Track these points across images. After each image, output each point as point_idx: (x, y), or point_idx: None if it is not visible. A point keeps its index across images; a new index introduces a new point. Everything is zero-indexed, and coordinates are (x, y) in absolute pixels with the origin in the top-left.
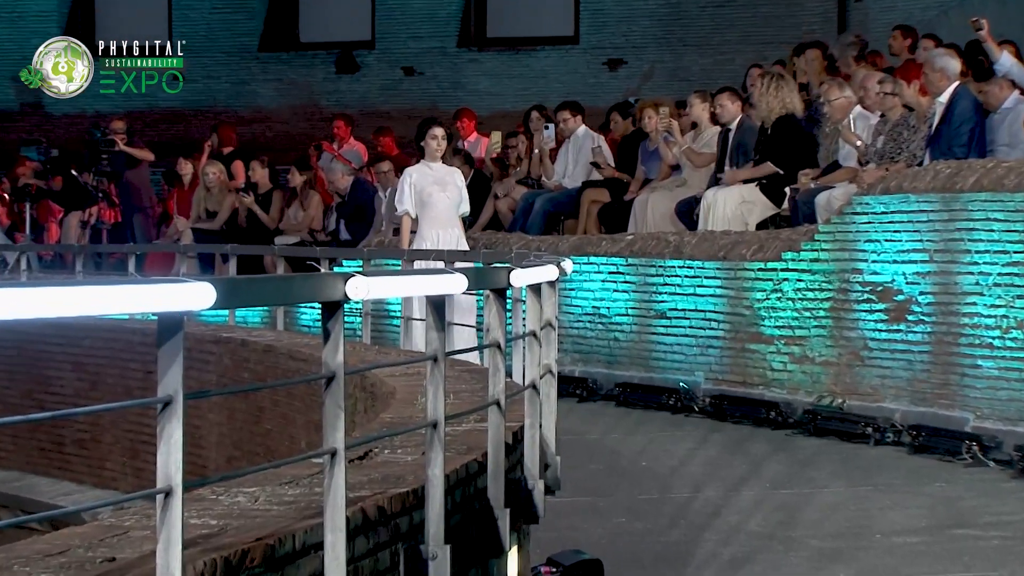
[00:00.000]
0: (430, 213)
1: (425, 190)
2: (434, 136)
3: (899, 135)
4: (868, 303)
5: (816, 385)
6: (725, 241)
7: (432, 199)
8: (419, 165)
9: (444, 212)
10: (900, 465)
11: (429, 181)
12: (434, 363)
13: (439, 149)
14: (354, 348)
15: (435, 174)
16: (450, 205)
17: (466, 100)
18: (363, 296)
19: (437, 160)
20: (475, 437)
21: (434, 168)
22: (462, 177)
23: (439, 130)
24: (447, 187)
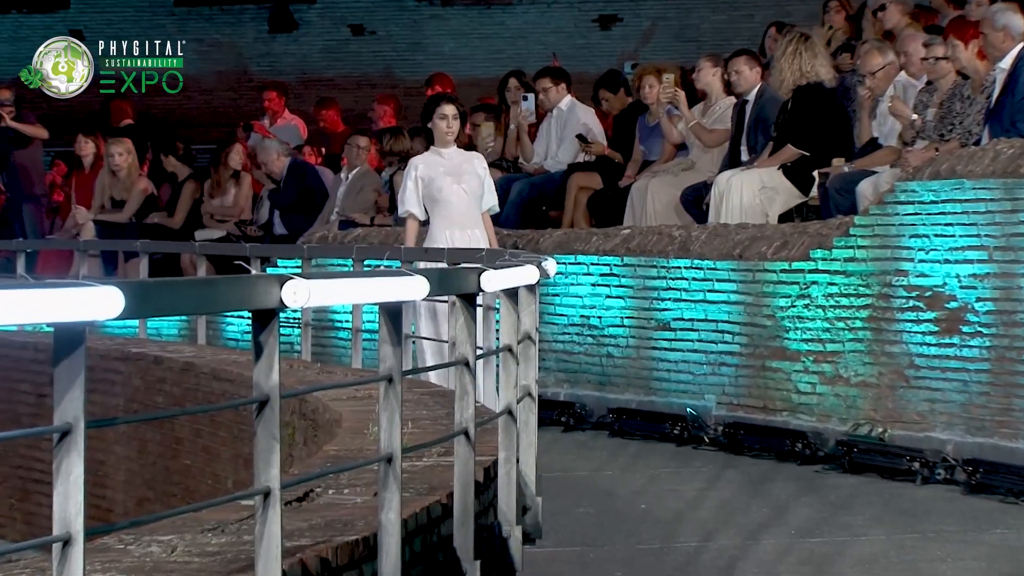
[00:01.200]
0: (443, 211)
1: (435, 183)
2: (443, 115)
3: (951, 108)
4: (914, 311)
5: (852, 411)
6: (741, 236)
7: (444, 193)
8: (427, 153)
9: (461, 208)
10: (953, 508)
11: (440, 172)
12: (388, 384)
13: (450, 131)
14: (292, 366)
15: (448, 162)
16: (468, 200)
17: (427, 65)
18: (303, 303)
19: (450, 145)
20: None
21: (446, 155)
22: (484, 163)
23: (450, 107)
24: (464, 177)
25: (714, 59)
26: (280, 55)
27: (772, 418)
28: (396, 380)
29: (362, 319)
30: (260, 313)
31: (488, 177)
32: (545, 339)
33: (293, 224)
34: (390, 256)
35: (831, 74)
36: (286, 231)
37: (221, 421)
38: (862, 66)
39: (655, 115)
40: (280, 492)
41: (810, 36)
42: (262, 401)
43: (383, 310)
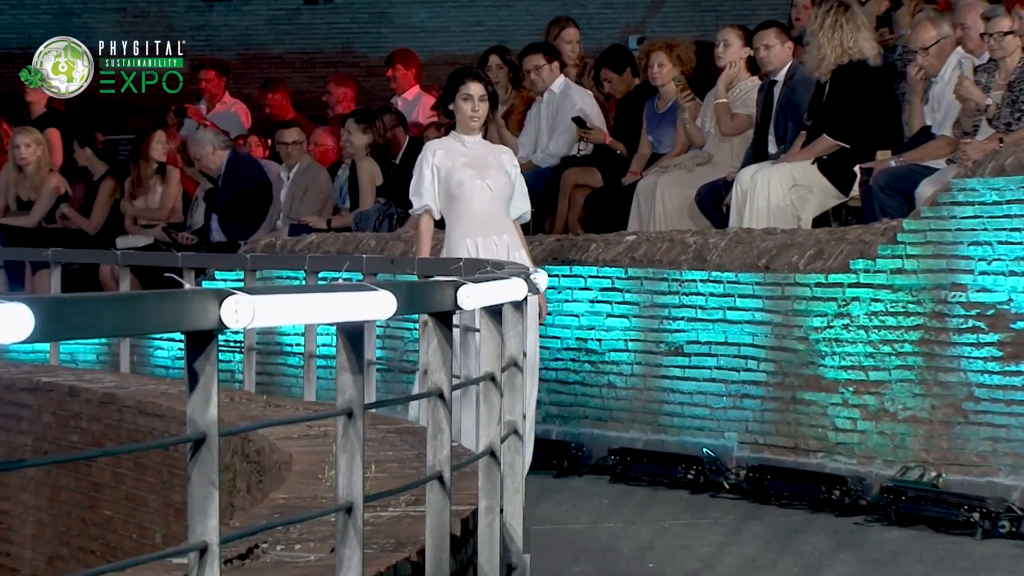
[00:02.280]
0: (463, 211)
1: (454, 176)
2: (467, 95)
3: (1020, 91)
4: (974, 333)
5: (899, 452)
6: (768, 244)
7: (465, 190)
8: (446, 138)
9: (485, 210)
10: (1019, 567)
11: (460, 163)
12: (348, 420)
13: (476, 115)
14: (233, 399)
15: (471, 152)
16: (493, 199)
17: (394, 39)
18: (246, 324)
19: (475, 132)
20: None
21: (469, 144)
22: (514, 159)
23: (476, 86)
24: (489, 172)
25: (739, 31)
26: (219, 28)
27: (805, 460)
28: (357, 415)
29: (316, 342)
30: (195, 335)
31: (520, 178)
32: None
33: (233, 230)
34: (349, 267)
35: (876, 50)
36: (225, 238)
37: (148, 464)
38: (913, 40)
39: (665, 99)
40: (219, 548)
41: (850, 5)
42: (197, 440)
43: (341, 331)
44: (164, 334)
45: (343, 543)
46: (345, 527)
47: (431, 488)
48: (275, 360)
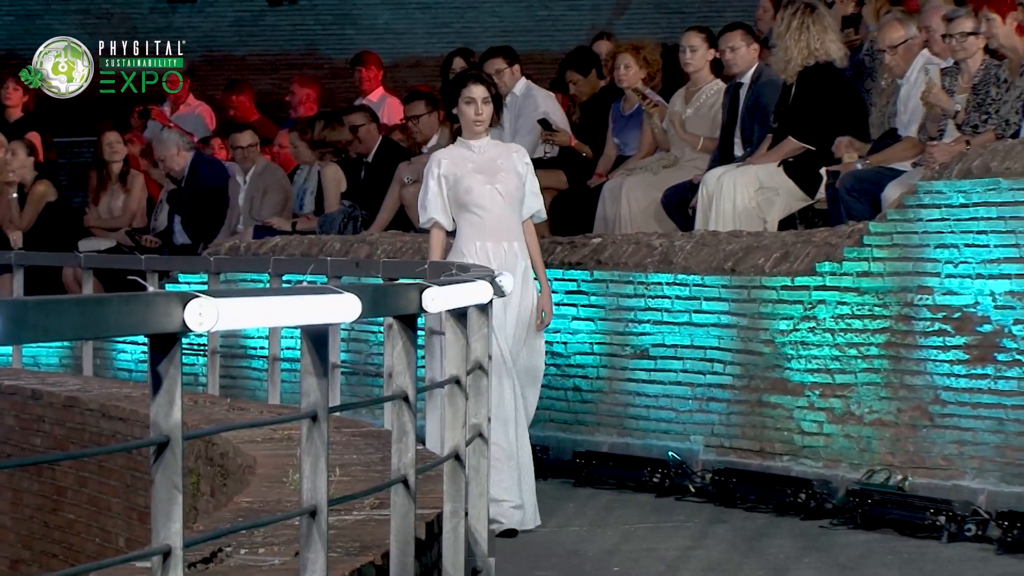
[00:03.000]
0: (472, 217)
1: (462, 183)
2: (470, 99)
3: (985, 94)
4: (940, 336)
5: (865, 455)
6: (734, 246)
7: (474, 195)
8: (452, 146)
9: (495, 214)
10: (985, 570)
11: (468, 168)
12: (312, 423)
13: (480, 118)
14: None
15: (479, 157)
16: (505, 203)
17: (359, 41)
18: (210, 327)
19: (481, 136)
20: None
21: (476, 148)
22: (526, 158)
23: (478, 89)
24: (499, 175)
25: (703, 33)
26: (182, 29)
27: (770, 463)
28: (321, 418)
29: (280, 345)
30: (158, 338)
31: (531, 176)
32: None
33: (197, 232)
34: (314, 270)
35: (842, 51)
36: (189, 240)
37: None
38: (880, 39)
39: (631, 102)
40: (182, 552)
41: (816, 7)
42: (161, 443)
43: (306, 334)
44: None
45: (307, 546)
46: (309, 530)
47: (396, 491)
48: (239, 363)
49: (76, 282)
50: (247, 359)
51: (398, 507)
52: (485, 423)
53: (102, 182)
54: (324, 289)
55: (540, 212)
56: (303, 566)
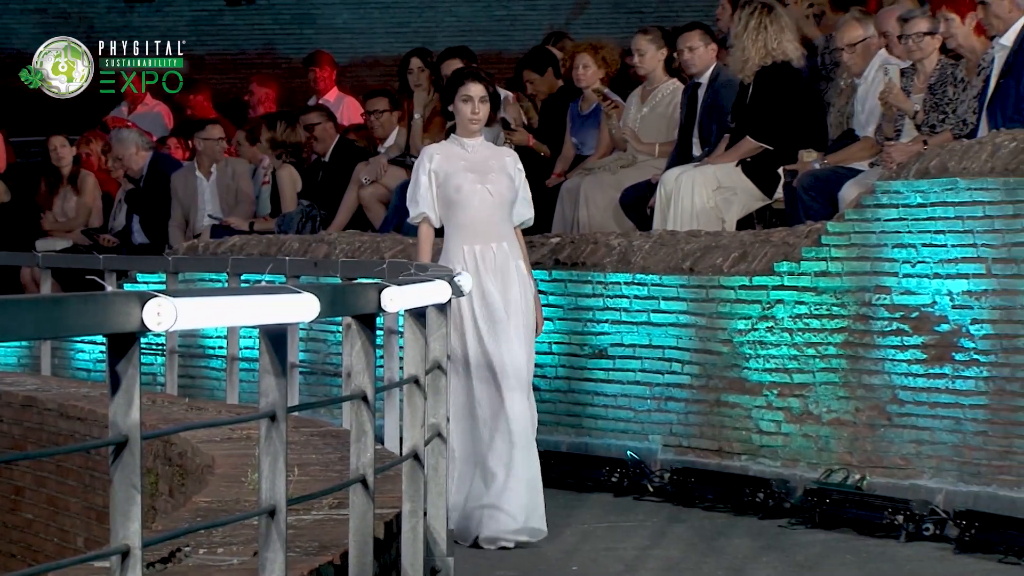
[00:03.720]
0: (461, 217)
1: (452, 180)
2: (467, 96)
3: (942, 94)
4: (898, 335)
5: (823, 454)
6: (693, 246)
7: (463, 194)
8: (445, 143)
9: (484, 215)
10: (943, 569)
11: (459, 166)
12: (271, 423)
13: (476, 117)
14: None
15: (471, 156)
16: (495, 204)
17: (317, 41)
18: (168, 326)
19: (475, 135)
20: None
21: (470, 147)
22: (518, 162)
23: (476, 87)
24: (490, 176)
25: (655, 34)
26: (140, 29)
27: (729, 463)
28: (280, 418)
29: (239, 345)
30: (117, 338)
31: (523, 181)
32: None
33: (155, 231)
34: (272, 270)
35: (799, 51)
36: (147, 240)
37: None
38: (838, 38)
39: (589, 101)
40: (141, 552)
41: (774, 7)
42: (119, 443)
43: (264, 334)
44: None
45: (266, 546)
46: (268, 530)
47: (354, 491)
48: (197, 363)
49: (34, 282)
50: (205, 359)
51: (357, 507)
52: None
53: (52, 187)
54: (282, 289)
55: (529, 219)
56: (262, 566)
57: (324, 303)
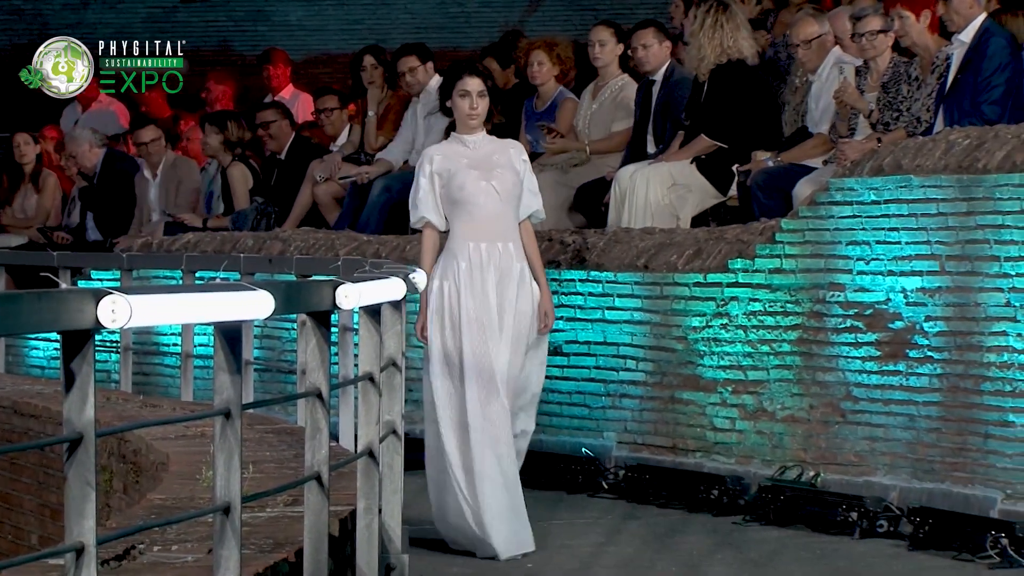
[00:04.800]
0: (466, 216)
1: (456, 179)
2: (464, 91)
3: (895, 92)
4: (852, 333)
5: (778, 451)
6: (647, 243)
7: (467, 192)
8: (446, 142)
9: (490, 213)
10: (897, 566)
11: (463, 164)
12: (225, 420)
13: (475, 112)
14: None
15: (473, 153)
16: (500, 201)
17: (271, 38)
18: (123, 323)
19: (476, 130)
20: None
21: (471, 143)
22: (523, 154)
23: (473, 81)
24: (495, 172)
25: (614, 28)
26: (95, 25)
27: (683, 460)
28: (235, 415)
29: (193, 342)
30: (71, 335)
31: (529, 173)
32: (413, 366)
33: (110, 228)
34: (227, 267)
35: (754, 49)
36: (101, 237)
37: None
38: (793, 35)
39: (544, 99)
40: (96, 549)
41: (730, 5)
42: (74, 440)
43: (219, 331)
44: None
45: (221, 544)
46: (223, 528)
47: (309, 488)
48: (152, 360)
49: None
50: (160, 356)
51: (312, 504)
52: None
53: (14, 184)
54: (237, 286)
55: (539, 212)
56: (216, 563)
57: (279, 300)
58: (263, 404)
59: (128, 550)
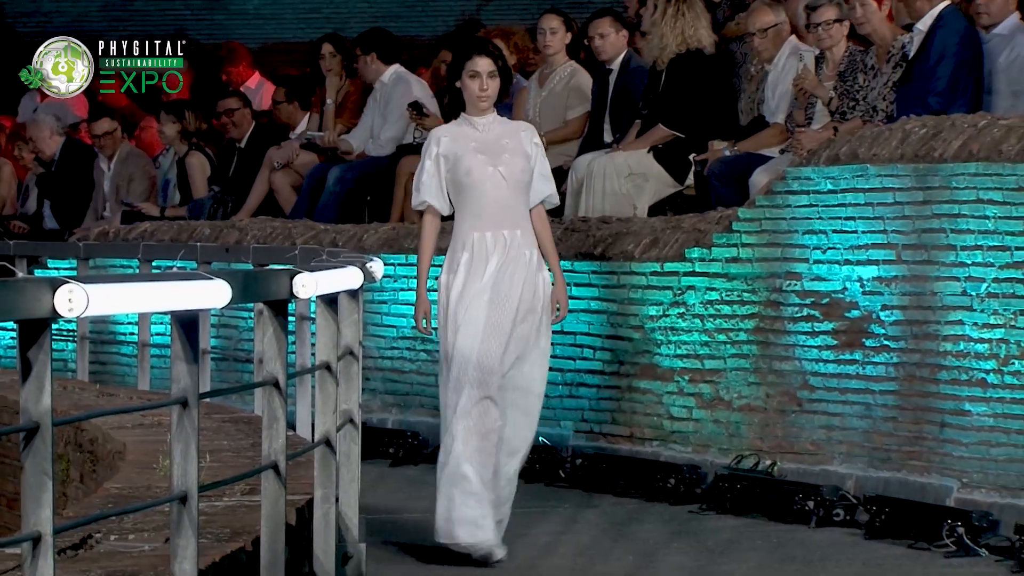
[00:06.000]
0: (472, 203)
1: (463, 163)
2: (474, 72)
3: (852, 81)
4: (808, 322)
5: (734, 440)
6: (604, 232)
7: (474, 178)
8: (454, 123)
9: (498, 199)
10: (853, 554)
11: (470, 148)
12: (183, 409)
13: (485, 94)
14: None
15: (482, 136)
16: (509, 188)
17: (228, 27)
18: (80, 312)
19: (485, 112)
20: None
21: (480, 126)
22: (535, 137)
23: (484, 61)
24: (503, 156)
25: (564, 16)
26: (51, 14)
27: (640, 449)
28: (192, 404)
29: (150, 331)
30: (28, 324)
31: (542, 157)
32: (370, 355)
33: (67, 217)
34: (184, 256)
35: (712, 39)
36: (58, 225)
37: None
38: (749, 24)
39: None
40: (53, 538)
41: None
42: (30, 429)
43: (176, 320)
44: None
45: (178, 533)
46: (180, 517)
47: (266, 477)
48: (109, 349)
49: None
50: (117, 345)
51: (269, 493)
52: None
53: None
54: (194, 275)
55: (552, 197)
56: (174, 552)
57: (236, 289)
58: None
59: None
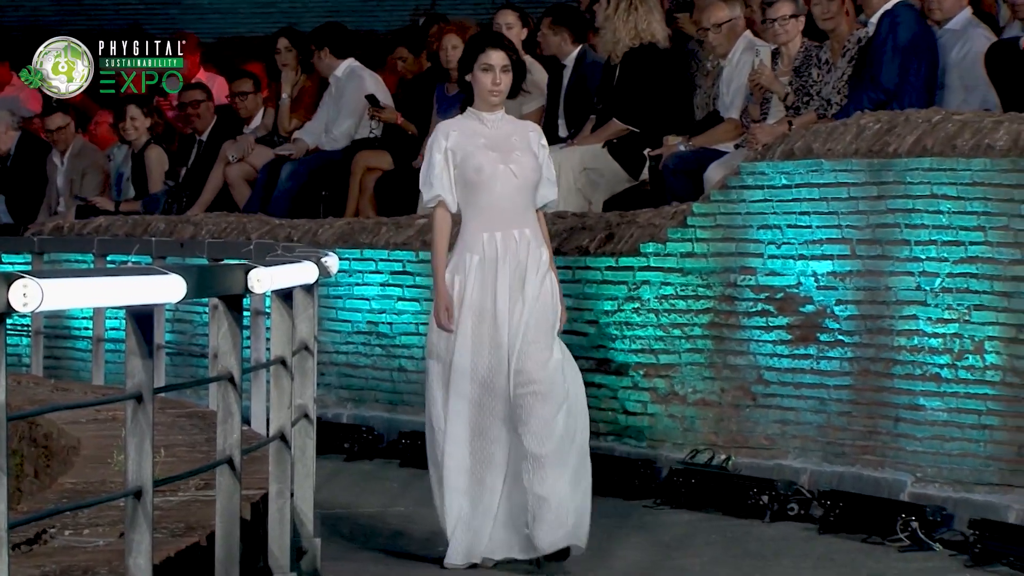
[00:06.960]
0: (483, 200)
1: (472, 160)
2: (487, 65)
3: (807, 76)
4: (763, 316)
5: (689, 435)
6: (559, 227)
7: (485, 176)
8: (462, 117)
9: (508, 199)
10: (808, 548)
11: (479, 144)
12: (137, 404)
13: (497, 89)
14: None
15: (492, 132)
16: (519, 187)
17: (183, 21)
18: (34, 308)
19: (496, 108)
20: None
21: (490, 122)
22: (542, 138)
23: (496, 55)
24: (513, 155)
25: (520, 12)
26: (4, 9)
27: (595, 444)
28: (146, 399)
29: (105, 326)
30: None
31: (548, 160)
32: (325, 350)
33: (21, 212)
34: (139, 250)
35: (665, 33)
36: (11, 220)
37: None
38: (704, 19)
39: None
40: (7, 533)
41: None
42: None
43: (131, 315)
44: None
45: (132, 527)
46: (135, 511)
47: (221, 472)
48: (63, 344)
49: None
50: (71, 339)
51: (223, 488)
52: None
53: None
54: (149, 270)
55: (553, 201)
56: (128, 547)
57: (190, 284)
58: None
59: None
